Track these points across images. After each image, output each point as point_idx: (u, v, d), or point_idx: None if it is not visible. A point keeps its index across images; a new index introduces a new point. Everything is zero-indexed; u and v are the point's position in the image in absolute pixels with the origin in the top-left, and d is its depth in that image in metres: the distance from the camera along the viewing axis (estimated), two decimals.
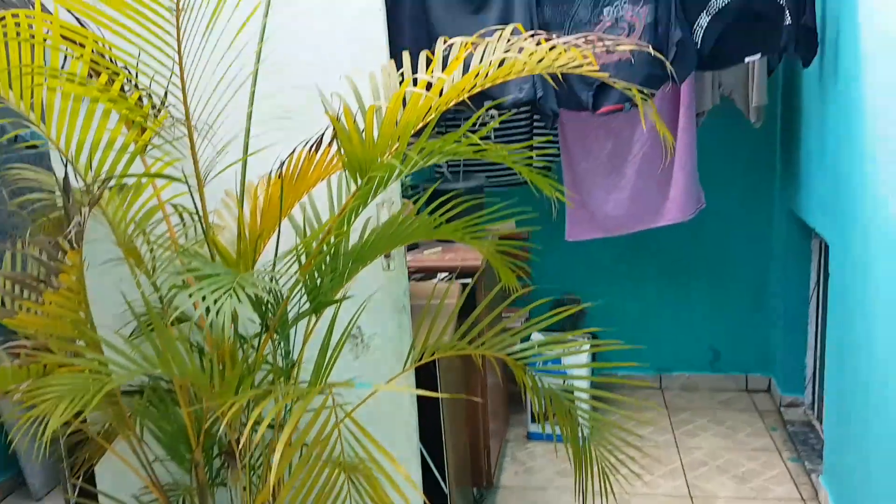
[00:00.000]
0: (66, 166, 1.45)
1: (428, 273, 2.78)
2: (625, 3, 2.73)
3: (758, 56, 2.69)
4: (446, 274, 2.76)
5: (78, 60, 1.30)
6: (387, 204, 2.07)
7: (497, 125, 3.52)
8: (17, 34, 1.25)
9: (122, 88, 1.35)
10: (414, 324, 2.09)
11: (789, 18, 2.56)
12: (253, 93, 1.55)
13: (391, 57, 2.16)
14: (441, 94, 1.65)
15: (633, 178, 3.19)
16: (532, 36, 1.76)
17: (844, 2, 2.44)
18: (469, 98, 1.70)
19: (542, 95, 2.82)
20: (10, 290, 1.51)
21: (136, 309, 1.68)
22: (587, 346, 2.37)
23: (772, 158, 3.56)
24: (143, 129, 1.46)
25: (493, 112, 3.20)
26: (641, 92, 2.06)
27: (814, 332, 3.40)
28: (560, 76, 1.80)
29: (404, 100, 1.56)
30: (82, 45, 1.29)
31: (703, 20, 2.64)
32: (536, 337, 2.18)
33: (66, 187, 1.44)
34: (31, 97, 1.40)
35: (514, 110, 3.12)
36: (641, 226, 3.21)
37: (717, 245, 3.69)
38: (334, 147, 1.73)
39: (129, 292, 1.74)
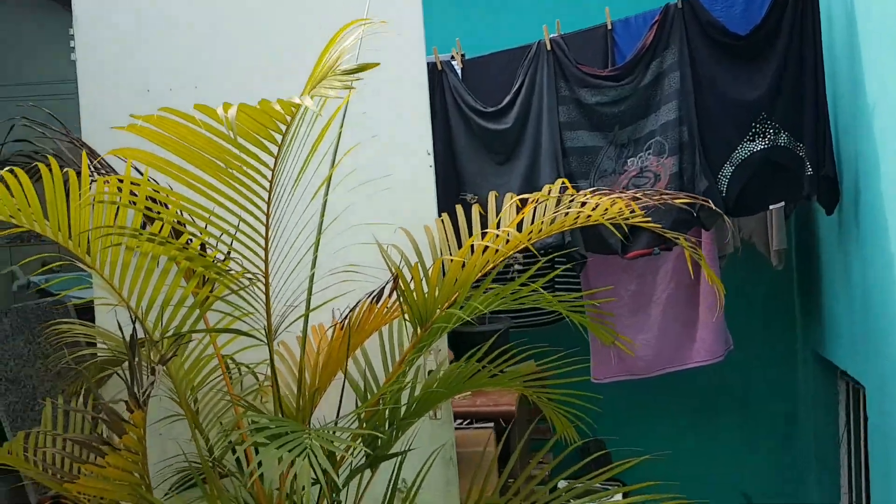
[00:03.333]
0: (134, 323, 1.44)
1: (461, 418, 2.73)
2: (649, 153, 2.84)
3: (782, 204, 2.77)
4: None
5: (160, 222, 1.33)
6: (434, 352, 2.06)
7: (519, 268, 3.56)
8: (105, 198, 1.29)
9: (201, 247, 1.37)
10: None
11: (810, 169, 2.66)
12: (317, 246, 1.58)
13: None
14: (501, 246, 1.69)
15: (659, 318, 3.19)
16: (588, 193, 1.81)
17: (861, 151, 2.55)
18: None
19: (571, 241, 2.87)
20: (68, 451, 1.47)
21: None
22: (619, 497, 2.34)
23: (791, 300, 3.59)
24: (213, 284, 1.47)
25: (518, 256, 3.24)
26: (677, 237, 2.09)
27: (846, 476, 3.31)
28: None
29: (472, 247, 1.59)
30: (167, 206, 1.32)
31: (727, 170, 2.74)
32: (563, 484, 2.17)
33: (132, 345, 1.43)
34: (99, 255, 1.42)
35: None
36: (669, 367, 3.19)
37: (743, 386, 3.65)
38: (392, 298, 1.75)
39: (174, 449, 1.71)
